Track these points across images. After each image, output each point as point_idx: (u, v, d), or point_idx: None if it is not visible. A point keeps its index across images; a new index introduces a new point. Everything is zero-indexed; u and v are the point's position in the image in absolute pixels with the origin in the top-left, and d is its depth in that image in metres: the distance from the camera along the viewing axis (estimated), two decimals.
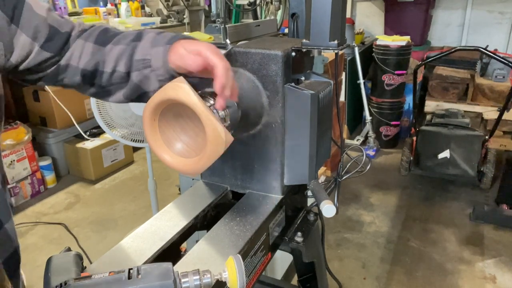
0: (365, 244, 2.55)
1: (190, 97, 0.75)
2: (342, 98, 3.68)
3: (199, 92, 0.79)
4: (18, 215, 2.96)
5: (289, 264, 2.05)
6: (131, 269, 0.62)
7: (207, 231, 0.90)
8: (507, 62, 2.52)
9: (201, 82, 0.81)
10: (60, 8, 3.89)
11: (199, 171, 0.84)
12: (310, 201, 1.17)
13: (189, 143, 0.88)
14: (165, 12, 4.41)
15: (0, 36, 0.70)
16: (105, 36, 0.83)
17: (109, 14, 4.01)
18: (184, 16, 4.47)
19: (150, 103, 0.80)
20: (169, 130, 0.87)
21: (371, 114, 3.82)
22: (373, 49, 3.75)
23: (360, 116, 4.22)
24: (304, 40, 0.96)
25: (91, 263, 0.81)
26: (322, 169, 2.42)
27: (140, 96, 0.85)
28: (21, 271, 1.07)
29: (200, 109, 0.75)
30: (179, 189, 2.11)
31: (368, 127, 3.79)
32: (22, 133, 3.08)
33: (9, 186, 3.01)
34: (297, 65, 1.00)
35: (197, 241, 0.85)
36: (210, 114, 0.75)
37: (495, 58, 2.60)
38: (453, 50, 2.66)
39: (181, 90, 0.75)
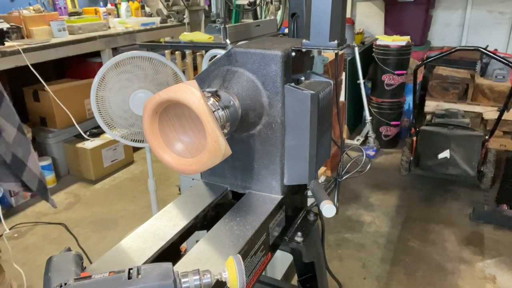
0: (365, 244, 2.55)
1: (200, 105, 0.75)
2: (342, 98, 3.68)
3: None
4: (18, 215, 2.96)
5: (289, 264, 2.05)
6: (131, 269, 0.62)
7: (207, 231, 0.91)
8: (507, 62, 2.52)
9: None
10: (60, 8, 3.88)
11: (195, 173, 0.85)
12: (310, 201, 1.17)
13: (189, 144, 0.88)
14: (165, 12, 4.41)
15: None
16: None
17: (109, 14, 4.00)
18: (184, 16, 4.47)
19: (156, 98, 0.80)
20: (170, 129, 0.87)
21: (371, 114, 3.82)
22: (373, 49, 3.75)
23: (360, 116, 4.22)
24: (304, 40, 0.96)
25: (91, 263, 0.81)
26: (322, 169, 2.43)
27: None
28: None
29: (207, 119, 0.75)
30: (179, 189, 2.11)
31: (368, 127, 3.79)
32: None
33: None
34: (297, 65, 1.00)
35: (197, 241, 0.85)
36: (215, 125, 0.76)
37: (495, 58, 2.60)
38: (453, 50, 2.66)
39: (193, 96, 0.75)
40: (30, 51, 2.78)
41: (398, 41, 3.60)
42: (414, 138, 3.22)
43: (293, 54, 0.95)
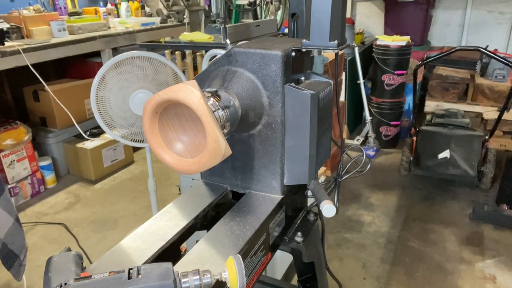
0: (365, 244, 2.55)
1: (200, 105, 0.75)
2: (342, 98, 3.68)
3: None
4: (18, 215, 2.95)
5: (289, 264, 2.05)
6: (131, 269, 0.62)
7: (207, 231, 0.91)
8: (507, 62, 2.52)
9: None
10: (60, 8, 3.88)
11: (195, 173, 0.85)
12: (310, 201, 1.17)
13: (189, 144, 0.88)
14: (165, 12, 4.41)
15: None
16: None
17: (109, 14, 4.00)
18: (184, 16, 4.47)
19: (156, 98, 0.80)
20: (170, 129, 0.87)
21: (371, 114, 3.82)
22: (373, 49, 3.75)
23: (360, 116, 4.22)
24: (304, 40, 0.96)
25: (91, 263, 0.81)
26: (322, 169, 2.43)
27: None
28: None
29: (207, 119, 0.75)
30: (179, 189, 2.11)
31: (368, 127, 3.79)
32: (22, 133, 3.08)
33: (9, 186, 3.01)
34: (297, 65, 1.00)
35: (197, 241, 0.85)
36: (215, 125, 0.76)
37: (495, 58, 2.60)
38: (453, 50, 2.66)
39: (193, 96, 0.75)
40: (30, 51, 2.78)
41: (398, 41, 3.60)
42: (414, 138, 3.22)
43: (293, 54, 0.95)
